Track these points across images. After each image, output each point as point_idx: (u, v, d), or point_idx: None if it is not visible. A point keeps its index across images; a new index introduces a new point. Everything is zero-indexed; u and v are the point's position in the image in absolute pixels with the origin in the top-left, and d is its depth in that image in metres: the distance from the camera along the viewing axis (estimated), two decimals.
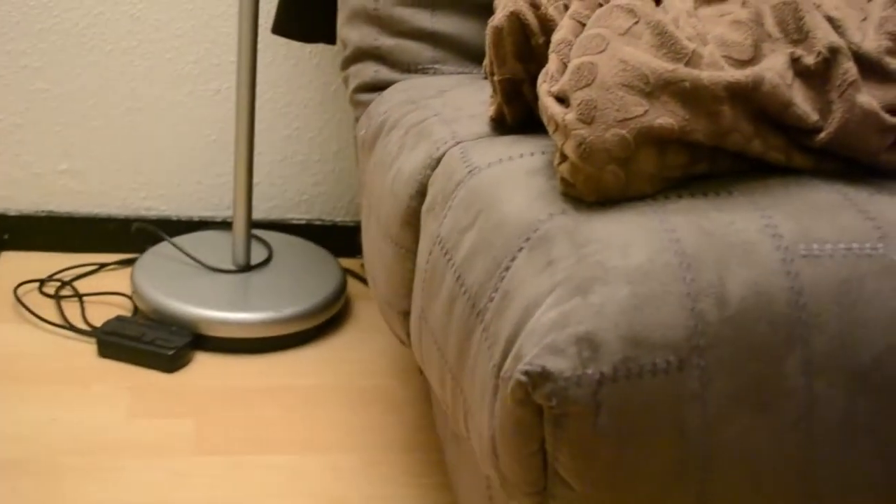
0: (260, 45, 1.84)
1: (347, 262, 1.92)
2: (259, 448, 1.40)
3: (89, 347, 1.60)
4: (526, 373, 0.74)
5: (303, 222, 1.99)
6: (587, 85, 0.82)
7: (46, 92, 1.85)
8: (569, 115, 0.82)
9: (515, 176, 0.92)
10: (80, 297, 1.74)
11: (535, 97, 0.97)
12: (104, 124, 1.88)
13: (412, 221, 1.08)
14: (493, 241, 0.87)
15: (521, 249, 0.83)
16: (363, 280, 1.89)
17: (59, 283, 1.78)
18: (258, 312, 1.65)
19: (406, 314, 1.12)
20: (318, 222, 1.99)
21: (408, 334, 1.14)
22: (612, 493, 0.76)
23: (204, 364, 1.61)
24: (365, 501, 1.32)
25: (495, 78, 1.02)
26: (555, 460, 0.76)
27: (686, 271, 0.75)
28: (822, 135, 0.85)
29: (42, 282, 1.78)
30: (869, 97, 0.85)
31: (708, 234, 0.78)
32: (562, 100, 0.85)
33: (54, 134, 1.87)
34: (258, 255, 1.82)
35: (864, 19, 0.90)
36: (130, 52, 1.85)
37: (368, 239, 1.27)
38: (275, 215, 1.98)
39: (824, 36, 0.86)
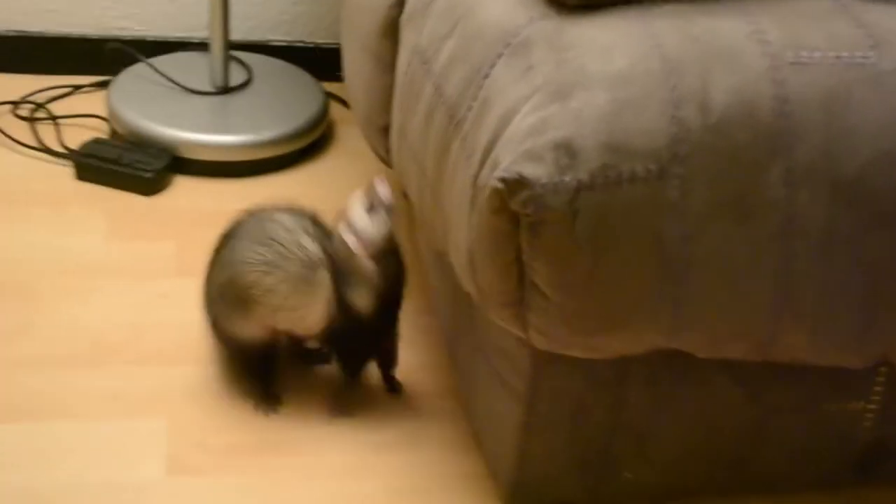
0: None
1: (330, 86, 1.89)
2: None
3: (66, 170, 1.58)
4: (502, 179, 0.74)
5: (284, 44, 1.95)
6: None
7: None
8: None
9: None
10: (55, 119, 1.71)
11: None
12: None
13: (391, 32, 1.07)
14: (472, 49, 0.86)
15: (500, 56, 0.82)
16: (346, 104, 1.86)
17: (33, 106, 1.74)
18: (238, 135, 1.63)
19: (386, 130, 1.12)
20: (299, 44, 1.95)
21: (388, 151, 1.13)
22: (588, 301, 0.77)
23: (183, 187, 1.59)
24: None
25: None
26: (531, 270, 0.77)
27: (669, 77, 0.75)
28: None
29: (15, 104, 1.74)
30: None
31: (693, 40, 0.77)
32: None
33: None
34: (237, 76, 1.78)
35: None
36: None
37: (348, 54, 1.25)
38: (254, 36, 1.94)
39: None
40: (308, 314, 1.08)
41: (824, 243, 0.75)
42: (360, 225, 1.02)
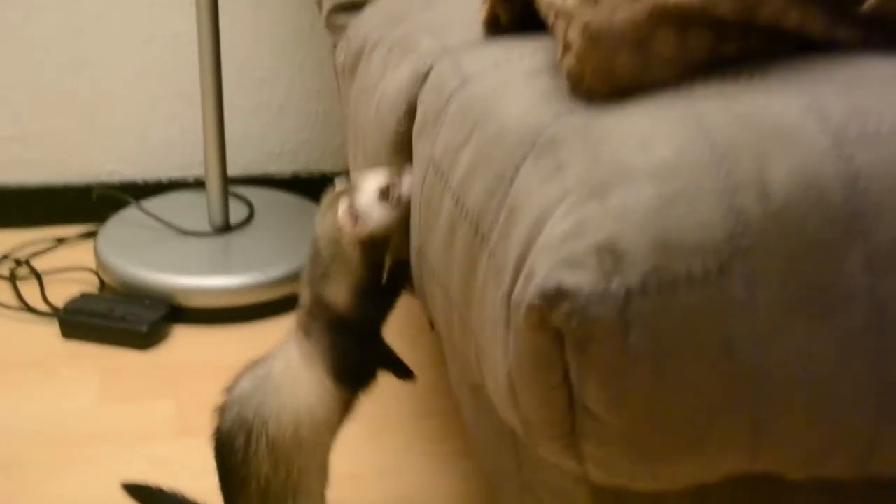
0: None
1: None
2: None
3: (52, 330, 1.59)
4: (541, 293, 0.71)
5: (286, 175, 1.98)
6: None
7: None
8: None
9: (514, 80, 0.90)
10: (38, 275, 1.73)
11: None
12: (52, 81, 1.86)
13: (402, 148, 1.06)
14: (493, 154, 0.85)
15: (525, 158, 0.80)
16: None
17: (14, 263, 1.77)
18: (241, 276, 1.64)
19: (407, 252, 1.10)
20: (303, 174, 1.98)
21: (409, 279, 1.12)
22: (651, 423, 0.74)
23: (183, 338, 1.60)
24: (379, 476, 1.31)
25: None
26: (581, 392, 0.73)
27: (720, 163, 0.72)
28: (870, 1, 0.82)
29: None
30: None
31: (743, 121, 0.75)
32: None
33: (1, 97, 1.85)
34: (238, 214, 1.81)
35: None
36: (81, 2, 1.83)
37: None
38: (254, 169, 1.97)
39: None
40: None
41: None
42: (364, 205, 1.00)
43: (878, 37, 0.85)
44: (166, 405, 1.43)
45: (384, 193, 1.01)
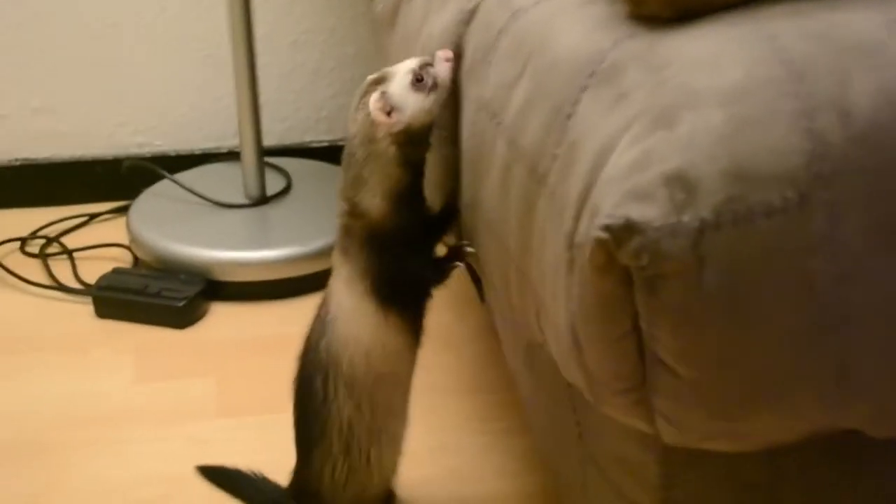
0: None
1: None
2: (290, 406, 1.38)
3: (85, 308, 1.60)
4: (606, 228, 0.70)
5: (324, 144, 1.97)
6: None
7: (9, 18, 1.83)
8: None
9: (567, 9, 0.89)
10: (69, 253, 1.74)
11: None
12: (76, 49, 1.87)
13: (448, 95, 1.05)
14: (549, 87, 0.84)
15: (584, 88, 0.80)
16: None
17: (44, 240, 1.78)
18: (280, 249, 1.64)
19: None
20: (341, 142, 1.94)
21: (460, 238, 1.11)
22: (729, 372, 0.73)
23: (220, 315, 1.60)
24: (427, 456, 1.30)
25: None
26: (652, 340, 0.72)
27: (797, 84, 0.71)
28: None
29: (24, 240, 1.78)
30: None
31: (819, 38, 0.74)
32: None
33: (19, 67, 1.86)
34: (275, 185, 1.81)
35: None
36: None
37: None
38: (290, 139, 1.97)
39: None
40: None
41: None
42: (398, 96, 0.99)
43: None
44: (205, 384, 1.44)
45: (418, 79, 0.99)
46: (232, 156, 1.91)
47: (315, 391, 1.07)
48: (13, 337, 1.54)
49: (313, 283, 1.63)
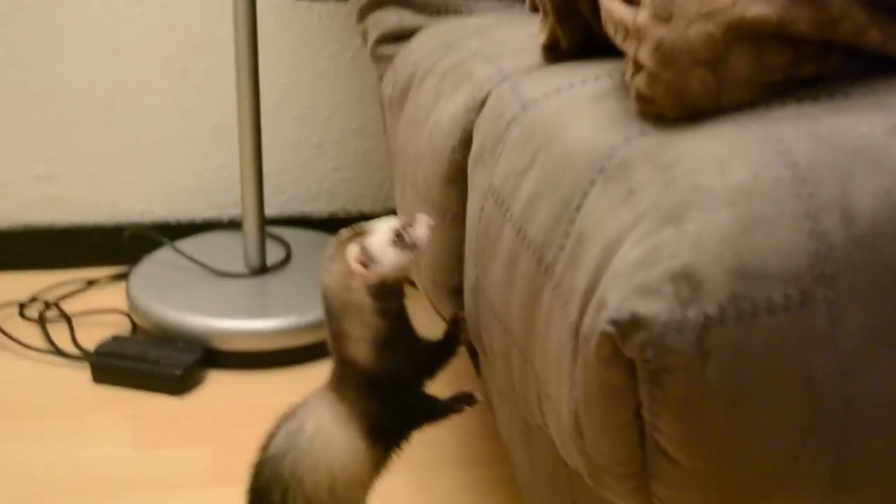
0: (260, 11, 1.83)
1: None
2: None
3: (82, 374, 1.59)
4: (613, 322, 0.71)
5: (324, 215, 1.99)
6: None
7: (15, 85, 1.85)
8: (641, 15, 0.80)
9: (578, 104, 0.90)
10: (68, 318, 1.74)
11: (593, 11, 0.95)
12: (82, 117, 1.88)
13: (457, 178, 1.07)
14: (559, 180, 0.85)
15: (593, 183, 0.81)
16: None
17: (42, 305, 1.78)
18: (278, 319, 1.65)
19: (457, 291, 1.11)
20: (341, 214, 1.98)
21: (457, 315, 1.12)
22: (729, 464, 0.73)
23: (218, 383, 1.60)
24: None
25: None
26: (654, 429, 0.73)
27: (801, 185, 0.72)
28: None
29: (23, 305, 1.78)
30: None
31: (824, 141, 0.75)
32: (630, 0, 0.83)
33: (22, 134, 1.88)
34: (274, 255, 1.82)
35: None
36: (108, 30, 1.85)
37: (405, 212, 1.26)
38: (291, 209, 1.98)
39: None
40: None
41: None
42: (376, 250, 1.02)
43: None
44: (201, 452, 1.43)
45: (398, 237, 1.02)
46: (233, 225, 1.93)
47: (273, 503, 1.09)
48: (9, 402, 1.53)
49: (311, 353, 1.65)
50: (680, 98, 0.79)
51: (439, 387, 1.44)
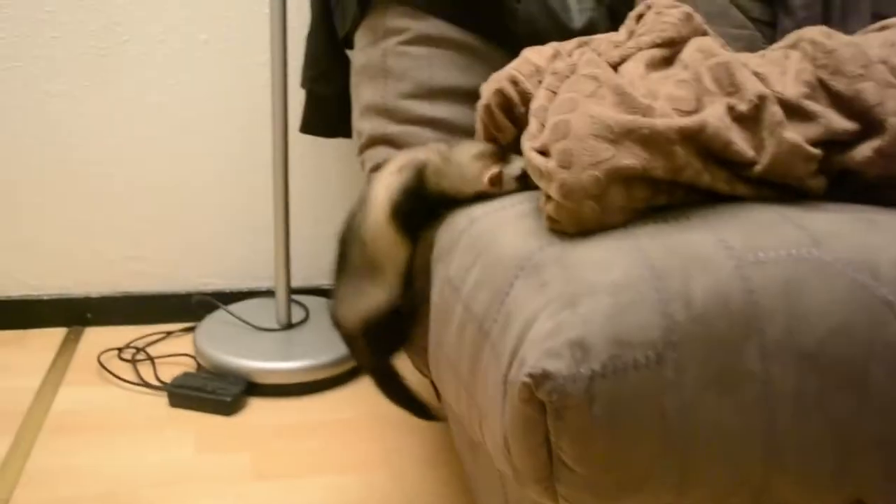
0: (290, 142, 1.85)
1: None
2: (307, 472, 1.38)
3: (161, 400, 1.59)
4: (530, 375, 0.72)
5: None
6: (563, 137, 0.82)
7: (116, 193, 1.86)
8: (550, 163, 0.82)
9: (509, 220, 0.92)
10: (151, 359, 1.73)
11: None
12: (165, 216, 1.89)
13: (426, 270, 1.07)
14: (494, 273, 0.86)
15: (517, 277, 0.82)
16: None
17: (134, 350, 1.77)
18: (299, 361, 1.64)
19: (425, 349, 1.10)
20: None
21: (427, 365, 1.12)
22: (609, 473, 0.74)
23: (257, 407, 1.59)
24: None
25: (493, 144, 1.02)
26: (558, 449, 0.74)
27: (657, 281, 0.74)
28: (759, 167, 0.85)
29: (120, 350, 1.77)
30: (794, 133, 0.85)
31: (672, 251, 0.77)
32: (543, 152, 0.85)
33: (124, 227, 1.88)
34: (297, 315, 1.82)
35: (784, 73, 0.91)
36: (184, 156, 1.86)
37: None
38: (310, 282, 1.98)
39: (753, 87, 0.87)
40: None
41: (797, 405, 0.73)
42: (505, 180, 0.98)
43: (766, 192, 0.88)
44: (244, 456, 1.43)
45: (521, 179, 0.97)
46: (268, 293, 1.93)
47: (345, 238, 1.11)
48: (110, 419, 1.53)
49: (325, 385, 1.65)
50: (577, 220, 0.81)
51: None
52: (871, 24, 1.08)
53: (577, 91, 0.86)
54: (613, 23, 1.45)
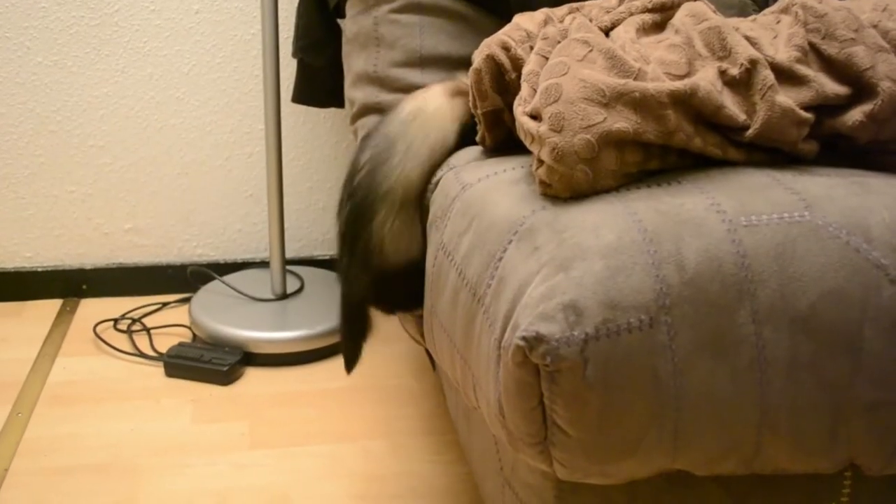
0: (283, 113, 1.84)
1: None
2: (303, 441, 1.38)
3: (158, 370, 1.58)
4: (524, 338, 0.72)
5: (327, 257, 1.98)
6: (555, 101, 0.81)
7: (111, 165, 1.84)
8: (542, 127, 0.81)
9: (501, 186, 0.91)
10: (148, 330, 1.72)
11: (512, 122, 0.96)
12: (160, 188, 1.87)
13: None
14: (487, 239, 0.86)
15: (510, 242, 0.82)
16: None
17: (130, 321, 1.76)
18: (295, 331, 1.64)
19: (420, 317, 1.10)
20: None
21: (422, 333, 1.12)
22: (602, 435, 0.74)
23: (253, 376, 1.59)
24: (395, 478, 1.30)
25: (479, 111, 1.01)
26: (552, 412, 0.74)
27: (649, 245, 0.74)
28: (750, 131, 0.85)
29: (116, 321, 1.76)
30: (785, 97, 0.84)
31: (664, 214, 0.76)
32: (535, 116, 0.84)
33: (119, 199, 1.87)
34: (292, 285, 1.81)
35: (775, 37, 0.90)
36: (177, 127, 1.85)
37: None
38: (304, 253, 1.97)
39: (744, 51, 0.86)
40: None
41: (790, 369, 0.73)
42: None
43: (757, 156, 0.87)
44: (241, 425, 1.43)
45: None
46: (263, 264, 1.92)
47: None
48: (107, 389, 1.52)
49: (318, 355, 1.65)
50: (569, 184, 0.81)
51: (407, 377, 1.44)
52: None
53: (568, 55, 0.85)
54: None
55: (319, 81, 1.65)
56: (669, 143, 0.82)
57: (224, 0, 1.79)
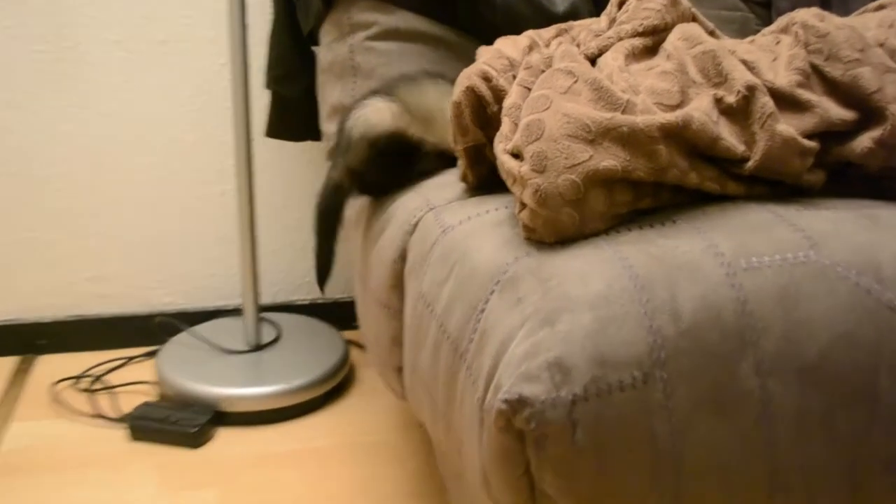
0: (259, 148, 1.84)
1: (349, 334, 1.90)
2: None
3: (121, 433, 1.57)
4: (506, 401, 0.71)
5: (306, 302, 1.97)
6: (537, 139, 0.81)
7: (71, 209, 1.84)
8: (524, 167, 0.81)
9: (483, 229, 0.91)
10: (110, 388, 1.71)
11: (494, 159, 0.96)
12: (124, 232, 1.87)
13: (397, 284, 1.07)
14: (468, 288, 0.85)
15: (492, 292, 0.81)
16: (364, 348, 1.86)
17: (91, 378, 1.75)
18: (271, 386, 1.62)
19: (399, 370, 1.10)
20: (320, 301, 1.97)
21: (402, 388, 1.11)
22: (596, 502, 0.73)
23: (225, 437, 1.58)
24: None
25: (459, 147, 1.01)
26: (540, 480, 0.73)
27: (641, 293, 0.73)
28: (750, 163, 0.84)
29: (77, 378, 1.75)
30: (786, 126, 0.84)
31: (657, 259, 0.76)
32: (517, 155, 0.84)
33: (80, 245, 1.87)
34: (268, 335, 1.80)
35: (774, 60, 0.90)
36: (143, 166, 1.85)
37: (362, 307, 1.26)
38: (280, 298, 1.97)
39: (741, 76, 0.86)
40: None
41: (800, 424, 0.72)
42: None
43: (758, 190, 0.87)
44: (211, 493, 1.41)
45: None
46: (236, 312, 1.92)
47: None
48: (64, 456, 1.51)
49: (297, 411, 1.64)
50: (554, 228, 0.80)
51: (393, 434, 1.42)
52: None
53: (551, 87, 0.85)
54: (598, 6, 1.44)
55: (294, 113, 1.65)
56: (662, 181, 0.82)
57: (191, 29, 1.80)
